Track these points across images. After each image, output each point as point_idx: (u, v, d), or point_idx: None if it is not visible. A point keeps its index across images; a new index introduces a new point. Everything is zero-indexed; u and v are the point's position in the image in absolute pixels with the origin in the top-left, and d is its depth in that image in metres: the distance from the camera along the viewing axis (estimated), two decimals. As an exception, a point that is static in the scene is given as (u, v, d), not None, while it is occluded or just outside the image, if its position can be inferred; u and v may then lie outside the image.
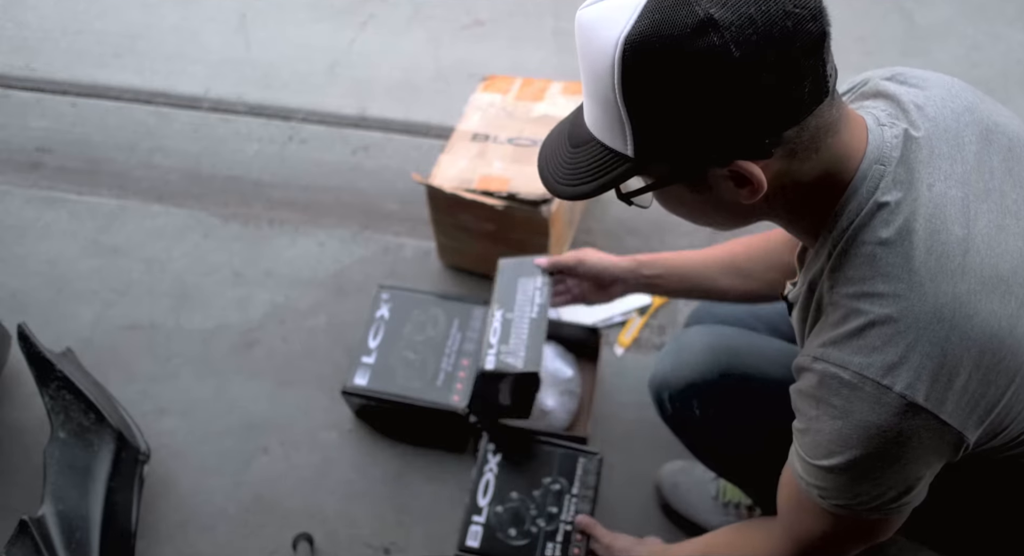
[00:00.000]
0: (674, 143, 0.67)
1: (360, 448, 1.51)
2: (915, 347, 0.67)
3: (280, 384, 1.60)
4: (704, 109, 0.63)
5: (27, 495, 1.39)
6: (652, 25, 0.61)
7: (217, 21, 2.37)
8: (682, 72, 0.62)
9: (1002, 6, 2.33)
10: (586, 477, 1.31)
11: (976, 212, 0.70)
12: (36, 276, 1.78)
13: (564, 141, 0.76)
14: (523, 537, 1.25)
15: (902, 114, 0.74)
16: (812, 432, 0.74)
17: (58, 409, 1.34)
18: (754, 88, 0.62)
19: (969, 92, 0.79)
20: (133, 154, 2.03)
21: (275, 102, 2.14)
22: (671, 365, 1.09)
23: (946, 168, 0.71)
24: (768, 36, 0.60)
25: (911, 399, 0.67)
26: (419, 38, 2.31)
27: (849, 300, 0.70)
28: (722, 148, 0.66)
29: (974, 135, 0.75)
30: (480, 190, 1.52)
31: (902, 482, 0.73)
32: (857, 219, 0.70)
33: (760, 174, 0.67)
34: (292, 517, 1.43)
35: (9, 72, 2.23)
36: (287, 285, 1.75)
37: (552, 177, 0.76)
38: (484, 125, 1.66)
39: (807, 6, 0.62)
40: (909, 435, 0.69)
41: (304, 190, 1.94)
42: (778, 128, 0.65)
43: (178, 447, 1.51)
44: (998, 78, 2.14)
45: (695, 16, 0.60)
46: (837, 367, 0.70)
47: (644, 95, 0.64)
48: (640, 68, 0.63)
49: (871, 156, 0.71)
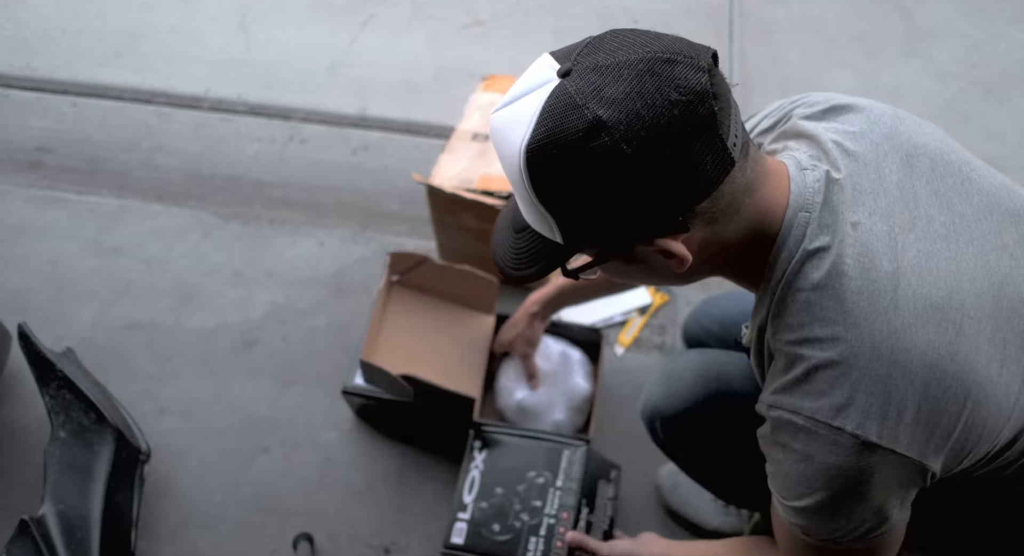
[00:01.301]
0: (595, 230, 0.70)
1: (360, 448, 1.51)
2: (859, 387, 0.68)
3: (280, 384, 1.60)
4: (611, 201, 0.66)
5: (27, 495, 1.39)
6: (547, 132, 0.65)
7: (217, 21, 2.37)
8: (581, 172, 0.65)
9: (1002, 6, 2.34)
10: (570, 469, 1.30)
11: (903, 244, 0.71)
12: (36, 276, 1.78)
13: (509, 225, 0.80)
14: (506, 532, 1.25)
15: (823, 155, 0.76)
16: (780, 475, 0.76)
17: (58, 409, 1.34)
18: (653, 177, 0.64)
19: (889, 115, 0.79)
20: (133, 154, 2.03)
21: (275, 102, 2.14)
22: (662, 393, 1.09)
23: (869, 204, 0.72)
24: (656, 128, 0.63)
25: (864, 438, 0.68)
26: (419, 38, 2.31)
27: (791, 347, 0.72)
28: (640, 229, 0.69)
29: (895, 163, 0.75)
30: (480, 190, 1.52)
31: (874, 515, 0.73)
32: (789, 268, 0.72)
33: (682, 249, 0.69)
34: (292, 517, 1.43)
35: (9, 72, 2.22)
36: (287, 285, 1.75)
37: (502, 261, 0.79)
38: (484, 125, 1.66)
39: (693, 90, 0.63)
40: (871, 472, 0.70)
41: (304, 190, 1.94)
42: (688, 205, 0.67)
43: (178, 447, 1.51)
44: (998, 78, 2.14)
45: (584, 120, 0.63)
46: (790, 413, 0.72)
47: (554, 194, 0.67)
48: (543, 172, 0.66)
49: (795, 204, 0.72)
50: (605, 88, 0.64)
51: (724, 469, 1.08)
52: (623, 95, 0.63)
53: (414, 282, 1.55)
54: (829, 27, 2.23)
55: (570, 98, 0.64)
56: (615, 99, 0.63)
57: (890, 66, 2.17)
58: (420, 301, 1.56)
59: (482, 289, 1.50)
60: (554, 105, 0.65)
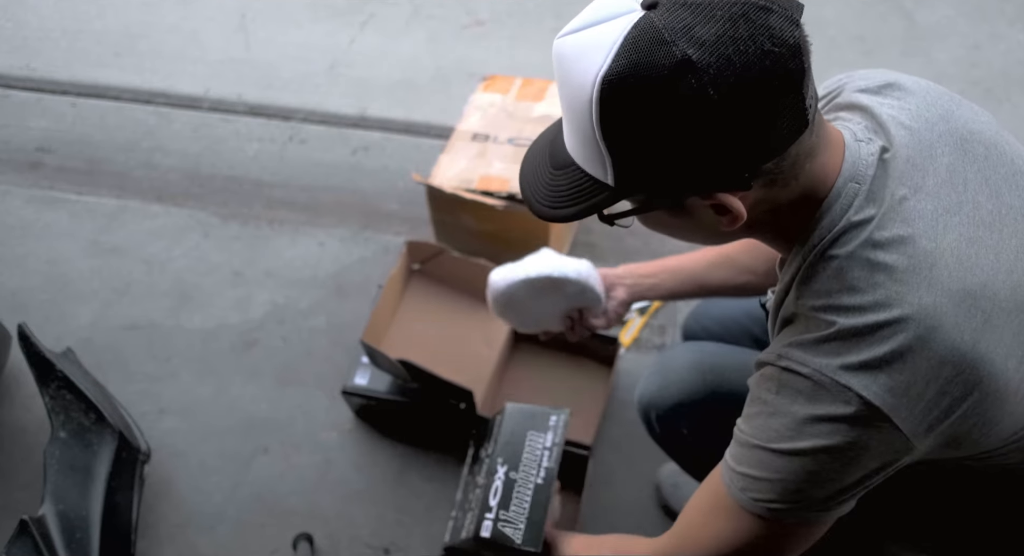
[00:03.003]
0: (653, 176, 0.67)
1: (360, 448, 1.51)
2: (875, 355, 0.68)
3: (280, 384, 1.60)
4: (682, 146, 0.63)
5: (27, 495, 1.39)
6: (629, 65, 0.61)
7: (217, 21, 2.37)
8: (659, 112, 0.62)
9: (1002, 6, 2.33)
10: (498, 432, 1.20)
11: (946, 225, 0.71)
12: (36, 276, 1.78)
13: (546, 161, 0.76)
14: (472, 519, 1.16)
15: (879, 128, 0.75)
16: (766, 415, 0.74)
17: (58, 409, 1.34)
18: (732, 127, 0.62)
19: (946, 98, 0.79)
20: (133, 154, 2.03)
21: (275, 102, 2.14)
22: (657, 386, 1.09)
23: (918, 181, 0.72)
24: (746, 77, 0.60)
25: (870, 400, 0.68)
26: (419, 38, 2.31)
27: (815, 312, 0.71)
28: (701, 181, 0.66)
29: (948, 146, 0.75)
30: (480, 190, 1.52)
31: (838, 483, 0.72)
32: (829, 235, 0.71)
33: (740, 206, 0.67)
34: (292, 517, 1.43)
35: (9, 72, 2.22)
36: (287, 285, 1.75)
37: (534, 197, 0.75)
38: (484, 125, 1.66)
39: (786, 43, 0.62)
40: (863, 436, 0.69)
41: (304, 190, 1.94)
42: (757, 162, 0.65)
43: (178, 447, 1.51)
44: (998, 78, 2.14)
45: (672, 57, 0.60)
46: (799, 364, 0.71)
47: (622, 132, 0.64)
48: (617, 106, 0.63)
49: (846, 174, 0.71)
50: (696, 27, 0.60)
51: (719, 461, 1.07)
52: (715, 37, 0.60)
53: (432, 273, 1.56)
54: (829, 27, 2.23)
55: (657, 32, 0.61)
56: (706, 40, 0.60)
57: (890, 66, 2.15)
58: (437, 292, 1.57)
59: None
60: (639, 37, 0.61)
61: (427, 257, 1.54)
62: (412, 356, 1.34)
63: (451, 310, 1.56)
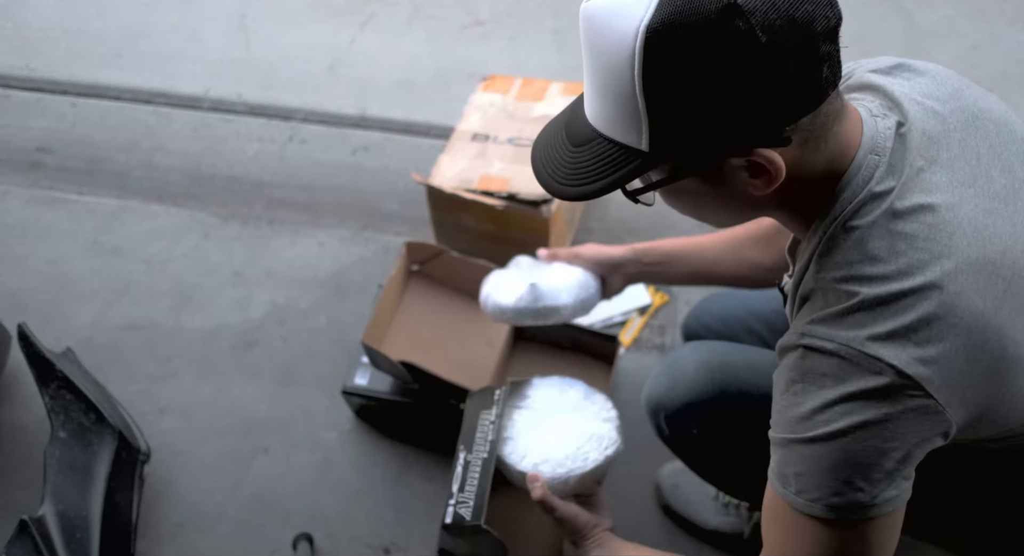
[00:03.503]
0: (694, 133, 0.65)
1: (360, 448, 1.51)
2: (902, 324, 0.67)
3: (280, 384, 1.60)
4: (729, 96, 0.62)
5: (27, 495, 1.39)
6: (675, 12, 0.60)
7: (217, 21, 2.37)
8: (708, 59, 0.61)
9: (1002, 6, 2.33)
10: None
11: (962, 197, 0.71)
12: (36, 276, 1.78)
13: (562, 141, 0.74)
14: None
15: (893, 105, 0.75)
16: (794, 405, 0.72)
17: (58, 409, 1.34)
18: (779, 73, 0.61)
19: (955, 78, 0.80)
20: (133, 154, 2.03)
21: (275, 102, 2.14)
22: (665, 386, 1.08)
23: (933, 154, 0.72)
24: (792, 20, 0.60)
25: (901, 369, 0.67)
26: (419, 38, 2.31)
27: (836, 283, 0.70)
28: (743, 136, 0.65)
29: (960, 121, 0.75)
30: (480, 190, 1.52)
31: (882, 461, 0.69)
32: (849, 206, 0.71)
33: (780, 161, 0.67)
34: (292, 517, 1.43)
35: (9, 72, 2.23)
36: (287, 285, 1.75)
37: (552, 178, 0.73)
38: (484, 125, 1.66)
39: None
40: (898, 407, 0.68)
41: (304, 190, 1.94)
42: (797, 114, 0.65)
43: (178, 447, 1.51)
44: (998, 78, 2.14)
45: (719, 2, 0.59)
46: (823, 340, 0.70)
47: (666, 85, 0.63)
48: (663, 57, 0.61)
49: (866, 146, 0.71)
50: None
51: (730, 463, 1.06)
52: None
53: (431, 274, 1.56)
54: (829, 27, 2.23)
55: None
56: None
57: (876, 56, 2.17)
58: (437, 293, 1.56)
59: None
60: None
61: (427, 257, 1.54)
62: (412, 357, 1.34)
63: (451, 310, 1.56)
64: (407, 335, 1.51)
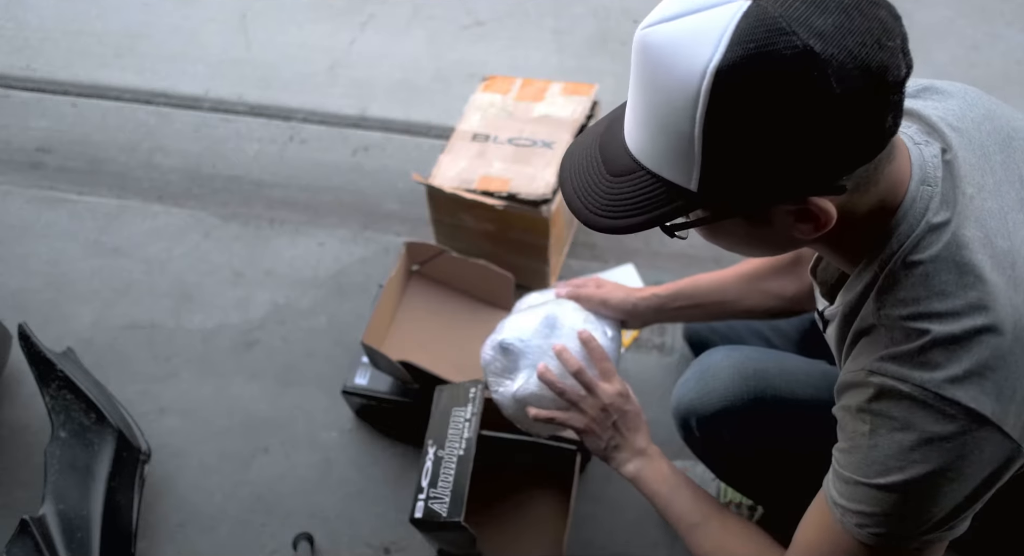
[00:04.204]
0: (748, 179, 0.62)
1: (360, 448, 1.51)
2: (979, 362, 0.66)
3: (280, 384, 1.60)
4: (792, 144, 0.59)
5: (28, 494, 1.39)
6: (747, 55, 0.57)
7: (217, 21, 2.37)
8: (777, 106, 0.58)
9: (1002, 6, 2.33)
10: (432, 419, 1.19)
11: (1015, 223, 0.70)
12: (36, 276, 1.78)
13: (598, 168, 0.70)
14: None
15: (931, 130, 0.73)
16: (864, 449, 0.70)
17: (59, 409, 1.35)
18: (847, 124, 0.59)
19: (985, 99, 0.78)
20: (133, 154, 2.03)
21: (275, 102, 2.14)
22: (696, 391, 1.05)
23: (979, 180, 0.71)
24: (867, 71, 0.57)
25: (979, 411, 0.65)
26: (419, 38, 2.31)
27: (905, 321, 0.68)
28: (799, 185, 0.63)
29: (997, 144, 0.74)
30: (480, 190, 1.52)
31: (953, 503, 0.69)
32: (908, 241, 0.68)
33: (832, 210, 0.64)
34: (292, 517, 1.43)
35: (9, 72, 2.22)
36: (287, 285, 1.75)
37: (587, 208, 0.69)
38: (484, 125, 1.66)
39: (897, 37, 0.59)
40: (972, 448, 0.67)
41: (304, 190, 1.94)
42: (857, 164, 0.63)
43: (178, 447, 1.51)
44: (998, 78, 2.14)
45: (795, 47, 0.56)
46: (895, 380, 0.68)
47: (729, 129, 0.59)
48: (730, 100, 0.58)
49: (917, 177, 0.69)
50: (811, 18, 0.56)
51: (759, 468, 1.05)
52: (833, 28, 0.56)
53: (431, 274, 1.56)
54: (829, 27, 2.23)
55: (774, 21, 0.56)
56: (825, 31, 0.56)
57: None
58: (437, 293, 1.57)
59: (498, 285, 1.51)
60: (755, 26, 0.57)
61: (427, 257, 1.54)
62: (413, 357, 1.34)
63: (451, 310, 1.56)
64: (407, 335, 1.52)
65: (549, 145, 1.58)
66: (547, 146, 1.58)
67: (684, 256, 1.75)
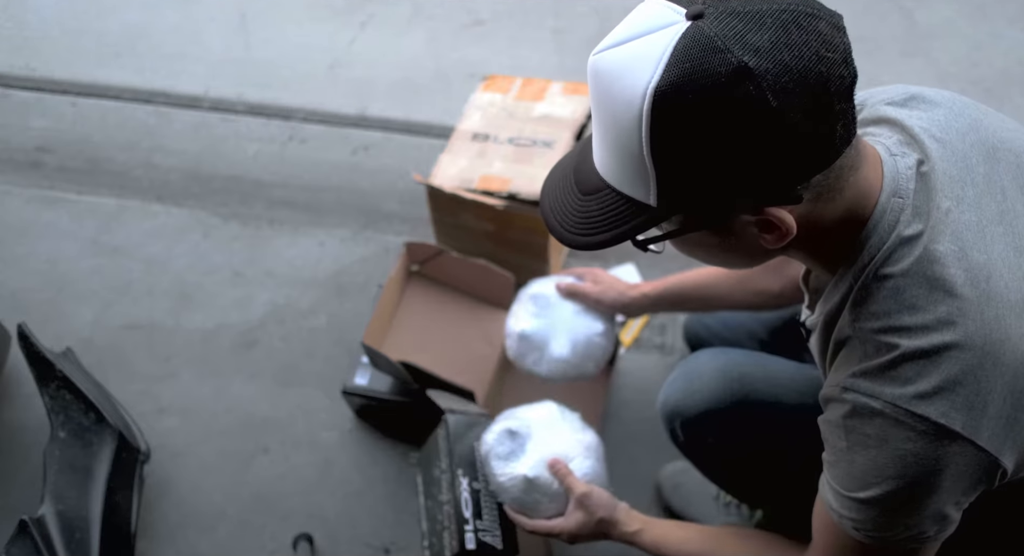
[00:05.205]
0: (702, 192, 0.64)
1: (360, 448, 1.51)
2: (948, 376, 0.66)
3: (280, 384, 1.60)
4: (737, 158, 0.61)
5: (27, 495, 1.39)
6: (683, 75, 0.59)
7: (217, 21, 2.37)
8: (716, 122, 0.60)
9: (1002, 6, 2.33)
10: (446, 445, 1.18)
11: (992, 236, 0.69)
12: (36, 276, 1.78)
13: (571, 187, 0.73)
14: (436, 542, 1.19)
15: (911, 140, 0.73)
16: (844, 463, 0.72)
17: (58, 409, 1.34)
18: (789, 136, 0.60)
19: (972, 108, 0.78)
20: (133, 154, 2.03)
21: (275, 102, 2.14)
22: (682, 392, 1.07)
23: (958, 192, 0.70)
24: (804, 83, 0.59)
25: (948, 426, 0.66)
26: (419, 38, 2.31)
27: (876, 335, 0.69)
28: (752, 196, 0.64)
29: (981, 155, 0.73)
30: (480, 190, 1.52)
31: (938, 512, 0.71)
32: (879, 254, 0.69)
33: (791, 221, 0.65)
34: (292, 517, 1.43)
35: (9, 72, 2.22)
36: (287, 285, 1.75)
37: (561, 225, 0.72)
38: (484, 125, 1.66)
39: (838, 49, 0.60)
40: (947, 462, 0.67)
41: (304, 190, 1.94)
42: (809, 173, 0.63)
43: (178, 447, 1.51)
44: (998, 78, 2.13)
45: (729, 64, 0.58)
46: (867, 397, 0.69)
47: (673, 146, 0.62)
48: (670, 119, 0.60)
49: (888, 189, 0.69)
50: (748, 34, 0.58)
51: (745, 470, 1.06)
52: (769, 43, 0.58)
53: (430, 274, 1.56)
54: (829, 27, 2.23)
55: (709, 40, 0.59)
56: (761, 47, 0.58)
57: (890, 66, 2.17)
58: (436, 293, 1.57)
59: (498, 284, 1.51)
60: (690, 46, 0.59)
61: (427, 257, 1.54)
62: (413, 357, 1.34)
63: (451, 310, 1.56)
64: (407, 335, 1.51)
65: (549, 145, 1.58)
66: (547, 146, 1.58)
67: (683, 256, 1.74)
